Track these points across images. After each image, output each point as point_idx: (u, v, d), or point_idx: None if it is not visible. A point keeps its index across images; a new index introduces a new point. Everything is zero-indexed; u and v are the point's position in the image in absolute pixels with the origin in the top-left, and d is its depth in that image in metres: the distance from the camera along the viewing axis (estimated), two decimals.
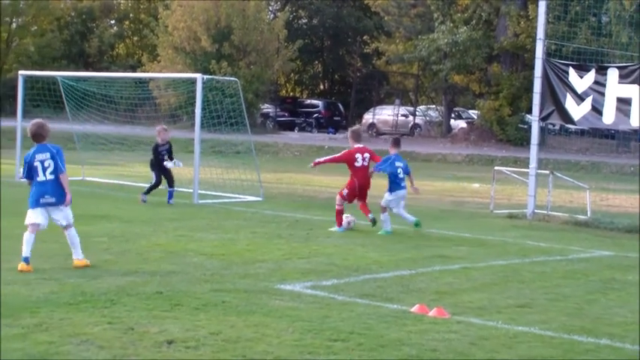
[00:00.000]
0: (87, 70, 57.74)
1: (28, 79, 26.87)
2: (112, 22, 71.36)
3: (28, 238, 11.40)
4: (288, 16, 58.64)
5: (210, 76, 25.95)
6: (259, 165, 23.67)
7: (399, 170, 16.69)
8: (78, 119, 27.77)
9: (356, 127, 19.42)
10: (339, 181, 27.72)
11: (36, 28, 65.65)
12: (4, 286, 10.05)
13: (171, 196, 19.95)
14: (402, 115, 58.02)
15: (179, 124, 42.62)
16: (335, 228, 16.32)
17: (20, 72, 26.57)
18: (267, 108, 61.20)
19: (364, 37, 65.86)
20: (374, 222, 16.35)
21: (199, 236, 14.81)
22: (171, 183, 20.21)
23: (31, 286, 10.11)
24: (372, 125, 57.72)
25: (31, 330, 8.23)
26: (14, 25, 65.19)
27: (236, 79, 25.70)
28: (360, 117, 60.91)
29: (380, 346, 8.18)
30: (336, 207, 16.51)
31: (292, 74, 72.14)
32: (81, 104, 27.57)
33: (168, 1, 56.78)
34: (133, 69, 58.28)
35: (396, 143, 17.29)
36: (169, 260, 12.31)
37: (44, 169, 11.35)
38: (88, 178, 24.84)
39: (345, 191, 16.68)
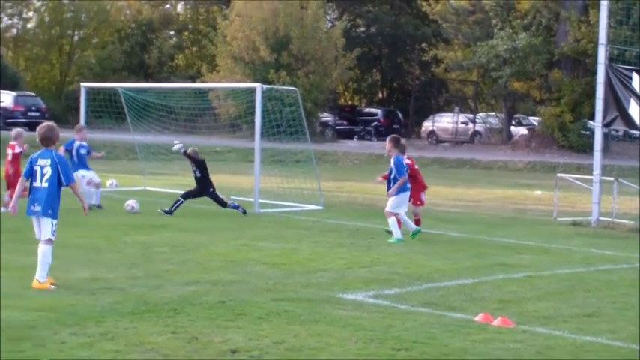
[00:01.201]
0: (147, 81, 58.31)
1: (90, 91, 27.15)
2: (172, 33, 71.98)
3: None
4: (345, 24, 58.63)
5: (269, 86, 26.04)
6: (319, 174, 23.64)
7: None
8: (139, 130, 27.99)
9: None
10: None
11: (97, 40, 66.55)
12: (71, 296, 10.13)
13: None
14: (462, 123, 57.67)
15: (238, 134, 42.86)
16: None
17: (82, 84, 26.83)
18: (326, 117, 61.22)
19: (422, 45, 65.62)
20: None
21: (260, 245, 14.82)
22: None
23: (96, 295, 10.18)
24: (431, 133, 57.46)
25: (97, 339, 8.28)
26: (76, 38, 66.17)
27: (295, 89, 25.73)
28: (420, 125, 60.70)
29: (444, 355, 8.11)
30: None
31: (351, 83, 72.10)
32: (141, 115, 27.78)
33: (227, 11, 57.11)
34: (193, 79, 58.68)
35: (398, 143, 16.71)
36: (231, 269, 12.32)
37: (42, 176, 10.72)
38: (148, 188, 25.02)
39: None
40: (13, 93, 47.58)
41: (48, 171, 10.70)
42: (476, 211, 22.30)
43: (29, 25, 65.24)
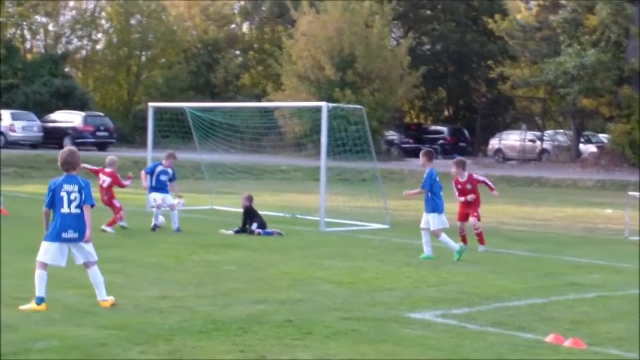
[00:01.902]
0: (213, 100, 58.74)
1: (157, 111, 27.45)
2: (237, 52, 72.54)
3: (40, 275, 10.40)
4: (411, 42, 58.55)
5: (335, 104, 26.04)
6: (385, 192, 23.55)
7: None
8: (205, 149, 28.20)
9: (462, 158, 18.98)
10: None
11: (164, 60, 67.33)
12: (140, 314, 10.20)
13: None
14: (529, 140, 57.09)
15: (304, 153, 42.98)
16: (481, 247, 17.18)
17: (150, 104, 27.13)
18: (392, 135, 61.12)
19: (489, 62, 65.21)
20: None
21: (327, 264, 14.79)
22: None
23: (164, 314, 10.23)
24: (498, 151, 57.01)
25: (166, 357, 8.32)
26: (143, 59, 67.06)
27: (361, 107, 25.69)
28: (486, 142, 60.26)
29: None
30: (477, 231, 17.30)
31: (416, 101, 71.94)
32: (208, 134, 27.99)
33: (292, 30, 57.40)
34: (258, 98, 59.05)
35: (431, 157, 16.60)
36: (298, 288, 12.31)
37: (70, 202, 10.46)
38: (216, 207, 25.15)
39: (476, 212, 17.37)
40: (82, 113, 48.31)
41: (76, 196, 10.50)
42: (545, 230, 22.02)
43: (98, 47, 66.30)
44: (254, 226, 19.10)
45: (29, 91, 53.81)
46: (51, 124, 47.25)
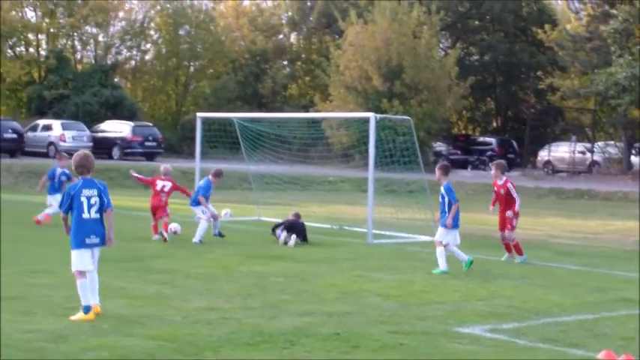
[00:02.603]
0: (260, 110, 59.00)
1: (205, 121, 27.56)
2: (285, 63, 72.76)
3: (82, 284, 10.42)
4: (459, 53, 58.36)
5: (383, 115, 25.97)
6: (433, 204, 23.41)
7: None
8: (252, 159, 28.25)
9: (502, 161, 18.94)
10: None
11: (212, 71, 67.74)
12: (189, 325, 10.21)
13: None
14: (579, 152, 56.53)
15: (351, 164, 42.89)
16: (519, 258, 17.16)
17: (198, 114, 27.25)
18: (440, 146, 60.88)
19: (538, 73, 64.80)
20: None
21: (375, 276, 14.73)
22: None
23: (213, 325, 10.23)
24: (547, 163, 56.53)
25: None
26: (192, 69, 67.50)
27: (409, 118, 25.59)
28: (535, 154, 59.79)
29: None
30: (514, 242, 17.28)
31: (464, 111, 71.64)
32: (255, 144, 28.05)
33: (340, 41, 57.44)
34: (306, 109, 59.15)
35: (447, 170, 16.41)
36: (345, 301, 12.26)
37: (90, 206, 10.39)
38: (263, 218, 25.16)
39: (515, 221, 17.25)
40: (131, 123, 48.71)
41: (96, 201, 10.45)
42: (595, 244, 21.74)
43: (147, 57, 66.93)
44: (292, 237, 19.11)
45: (79, 101, 54.42)
46: (100, 134, 47.72)
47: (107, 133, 48.07)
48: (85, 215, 10.38)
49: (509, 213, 17.33)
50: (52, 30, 60.20)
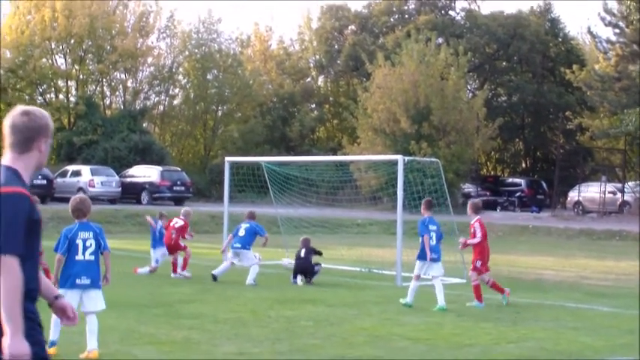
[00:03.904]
0: (288, 153, 59.14)
1: (233, 165, 27.61)
2: (313, 106, 73.02)
3: (55, 320, 10.46)
4: (487, 94, 58.30)
5: (411, 158, 25.94)
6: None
7: (433, 234, 16.32)
8: (280, 203, 28.24)
9: (477, 200, 18.92)
10: (545, 262, 26.99)
11: (240, 114, 68.02)
12: None
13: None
14: (610, 192, 56.02)
15: (380, 206, 42.82)
16: (474, 303, 16.66)
17: (227, 158, 27.31)
18: (468, 187, 60.66)
19: (566, 113, 64.60)
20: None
21: (404, 320, 14.61)
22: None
23: None
24: (577, 203, 56.07)
25: None
26: (220, 113, 67.83)
27: (437, 160, 25.55)
28: (565, 195, 59.39)
29: None
30: (474, 283, 16.97)
31: (493, 152, 71.44)
32: (283, 188, 28.05)
33: (367, 83, 57.60)
34: (334, 151, 59.20)
35: (429, 205, 16.84)
36: (375, 344, 12.15)
37: (85, 249, 10.78)
38: (292, 262, 25.05)
39: (479, 263, 16.95)
40: (160, 168, 48.88)
41: (92, 243, 10.82)
42: (627, 285, 21.46)
43: (175, 102, 67.38)
44: (299, 278, 19.69)
45: (108, 146, 54.77)
46: (129, 179, 47.94)
47: (136, 178, 48.27)
48: (79, 257, 10.73)
49: (460, 240, 17.39)
50: (81, 76, 60.80)
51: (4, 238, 4.69)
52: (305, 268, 20.17)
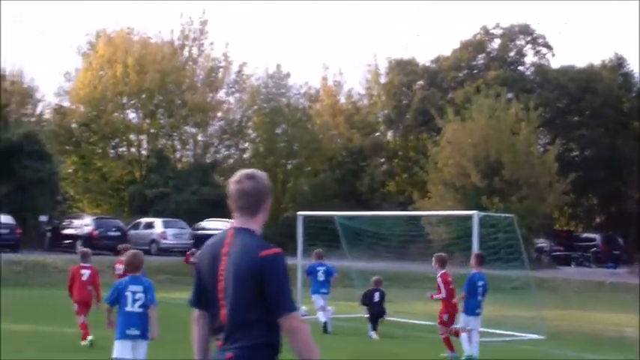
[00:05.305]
0: (358, 207, 58.86)
1: (305, 219, 27.51)
2: (382, 160, 72.84)
3: None
4: (559, 149, 57.65)
5: (485, 213, 25.57)
6: (539, 301, 22.73)
7: (480, 289, 16.49)
8: (352, 256, 28.04)
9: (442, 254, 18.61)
10: (626, 319, 26.24)
11: (309, 168, 68.08)
12: None
13: None
14: None
15: (451, 261, 42.22)
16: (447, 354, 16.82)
17: (299, 213, 27.29)
18: (542, 242, 59.72)
19: None
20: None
21: None
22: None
23: None
24: None
25: None
26: (289, 167, 68.01)
27: (512, 216, 25.13)
28: None
29: None
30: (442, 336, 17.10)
31: (566, 207, 70.34)
32: (354, 241, 27.90)
33: (437, 138, 57.35)
34: (404, 205, 58.85)
35: (481, 261, 17.00)
36: None
37: (134, 301, 11.36)
38: (366, 316, 24.71)
39: (446, 316, 17.09)
40: (231, 221, 48.97)
41: (141, 297, 11.38)
42: None
43: (245, 156, 67.70)
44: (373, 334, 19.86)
45: (179, 199, 55.13)
46: (201, 232, 48.09)
47: (207, 231, 48.34)
48: (129, 308, 11.34)
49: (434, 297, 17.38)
50: (152, 130, 61.56)
51: (288, 296, 5.02)
52: (379, 313, 20.44)
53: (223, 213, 52.94)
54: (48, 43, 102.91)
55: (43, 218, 48.13)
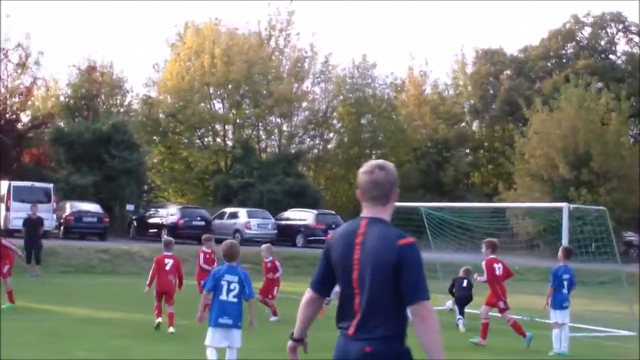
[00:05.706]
0: (442, 198, 58.41)
1: None
2: (467, 151, 72.17)
3: (209, 353, 11.62)
4: None
5: (575, 205, 25.09)
6: (631, 296, 22.21)
7: (565, 283, 16.45)
8: (436, 247, 27.82)
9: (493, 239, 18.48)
10: None
11: (394, 159, 67.74)
12: None
13: None
14: None
15: (536, 253, 41.75)
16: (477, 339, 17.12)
17: None
18: (631, 236, 58.49)
19: None
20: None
21: None
22: None
23: None
24: None
25: None
26: (374, 157, 67.76)
27: (603, 208, 24.61)
28: None
29: None
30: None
31: None
32: (438, 232, 27.65)
33: (524, 129, 56.57)
34: (489, 197, 58.21)
35: (568, 254, 16.95)
36: None
37: (229, 291, 11.57)
38: (453, 308, 24.46)
39: (502, 303, 17.46)
40: (314, 211, 48.97)
41: (235, 287, 11.63)
42: None
43: (329, 146, 67.69)
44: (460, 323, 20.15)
45: (264, 189, 55.33)
46: (284, 222, 48.23)
47: (291, 221, 48.52)
48: (223, 297, 11.57)
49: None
50: (238, 120, 61.92)
51: (424, 284, 5.15)
52: (467, 298, 20.73)
53: (307, 203, 53.14)
54: (138, 35, 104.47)
55: (130, 207, 48.77)
